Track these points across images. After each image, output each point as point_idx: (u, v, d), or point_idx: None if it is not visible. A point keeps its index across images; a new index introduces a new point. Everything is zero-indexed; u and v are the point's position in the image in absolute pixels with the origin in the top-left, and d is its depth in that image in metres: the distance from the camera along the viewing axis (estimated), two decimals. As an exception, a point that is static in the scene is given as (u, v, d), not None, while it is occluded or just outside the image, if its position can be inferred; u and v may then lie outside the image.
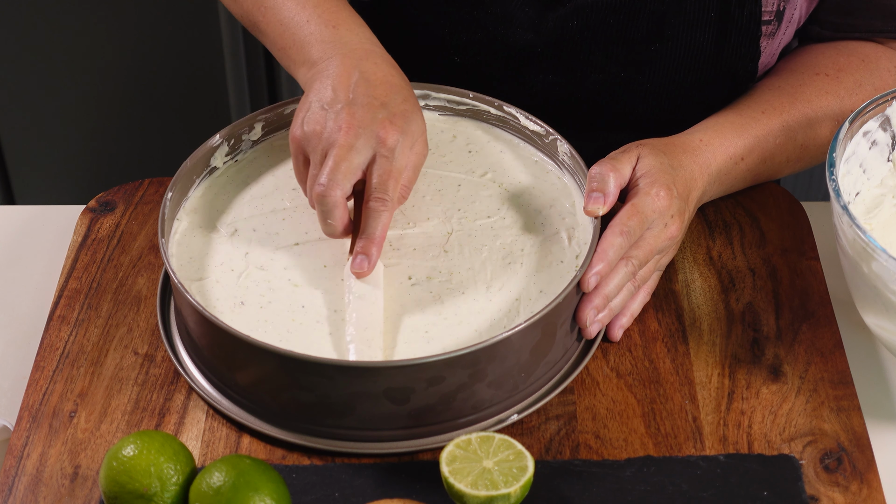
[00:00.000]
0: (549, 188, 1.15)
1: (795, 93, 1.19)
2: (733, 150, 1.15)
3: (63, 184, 2.23)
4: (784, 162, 1.19)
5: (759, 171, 1.19)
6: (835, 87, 1.20)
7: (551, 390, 1.05)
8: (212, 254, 1.10)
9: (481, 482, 0.94)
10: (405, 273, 1.08)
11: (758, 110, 1.18)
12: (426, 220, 1.12)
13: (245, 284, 1.07)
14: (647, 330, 1.11)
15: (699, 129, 1.16)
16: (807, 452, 1.02)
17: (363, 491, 0.99)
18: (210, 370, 1.05)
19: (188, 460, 0.96)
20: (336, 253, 1.10)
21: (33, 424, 1.04)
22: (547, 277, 1.07)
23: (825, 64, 1.21)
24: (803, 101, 1.19)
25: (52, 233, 1.23)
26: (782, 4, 1.19)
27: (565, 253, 1.09)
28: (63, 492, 1.00)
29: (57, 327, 1.11)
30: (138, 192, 1.23)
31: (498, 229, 1.12)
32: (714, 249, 1.18)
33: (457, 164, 1.17)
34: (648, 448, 1.02)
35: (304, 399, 1.01)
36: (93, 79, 2.10)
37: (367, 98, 1.07)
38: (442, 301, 1.06)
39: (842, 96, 1.19)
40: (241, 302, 1.06)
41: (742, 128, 1.16)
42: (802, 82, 1.20)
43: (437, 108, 1.21)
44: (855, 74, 1.20)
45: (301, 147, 1.08)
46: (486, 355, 0.99)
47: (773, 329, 1.11)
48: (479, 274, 1.08)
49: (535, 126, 1.17)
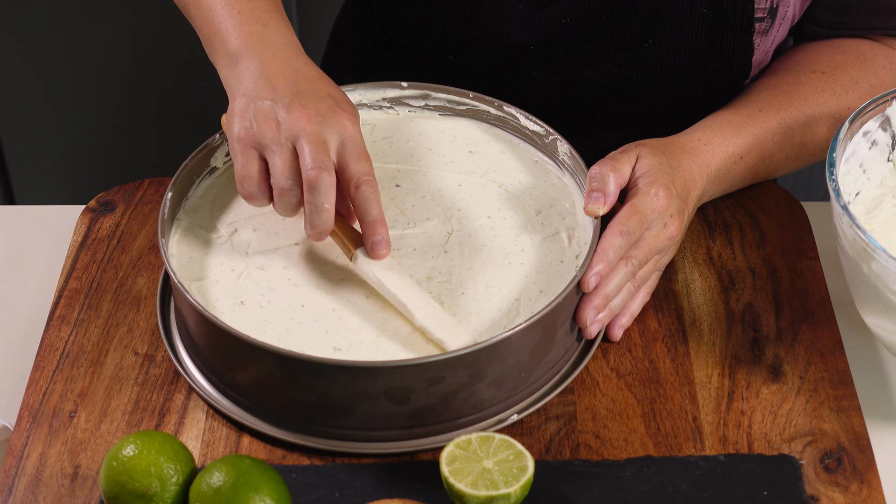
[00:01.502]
0: (550, 188, 1.15)
1: (792, 91, 1.19)
2: (732, 150, 1.15)
3: (63, 184, 2.23)
4: (783, 160, 1.19)
5: (758, 170, 1.19)
6: (831, 84, 1.20)
7: (551, 390, 1.05)
8: (212, 254, 1.10)
9: (481, 482, 0.94)
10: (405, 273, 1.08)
11: (755, 109, 1.18)
12: (426, 220, 1.12)
13: (245, 284, 1.07)
14: (647, 330, 1.11)
15: (697, 129, 1.16)
16: (807, 452, 1.02)
17: (363, 491, 0.99)
18: (210, 370, 1.05)
19: (188, 460, 0.96)
20: (336, 251, 1.10)
21: (33, 424, 1.04)
22: (547, 277, 1.07)
23: (821, 62, 1.21)
24: (800, 98, 1.19)
25: (52, 233, 1.23)
26: (776, 2, 1.19)
27: (565, 253, 1.09)
28: (63, 492, 0.99)
29: (57, 327, 1.11)
30: (138, 192, 1.23)
31: (498, 229, 1.12)
32: (714, 249, 1.18)
33: (457, 164, 1.17)
34: (648, 448, 1.02)
35: (304, 399, 1.01)
36: (93, 79, 2.10)
37: (312, 90, 1.06)
38: (442, 301, 1.06)
39: (838, 94, 1.19)
40: (241, 302, 1.06)
41: (740, 127, 1.16)
42: (798, 80, 1.20)
43: (437, 108, 1.21)
44: (851, 72, 1.20)
45: (253, 144, 1.05)
46: (486, 355, 0.99)
47: (773, 329, 1.11)
48: (478, 274, 1.08)
49: (535, 126, 1.17)
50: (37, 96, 2.12)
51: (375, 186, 1.04)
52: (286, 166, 1.03)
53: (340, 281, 1.08)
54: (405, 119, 1.21)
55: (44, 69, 2.08)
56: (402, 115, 1.21)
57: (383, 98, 1.21)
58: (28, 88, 2.11)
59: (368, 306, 1.06)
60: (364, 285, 1.07)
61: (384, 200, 1.13)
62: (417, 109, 1.21)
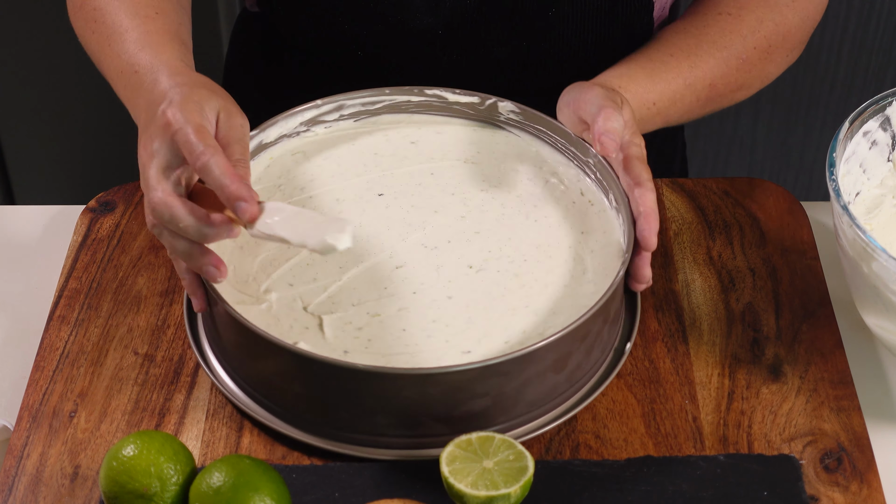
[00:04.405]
0: (501, 148, 1.17)
1: (700, 34, 1.21)
2: (646, 96, 1.17)
3: (63, 184, 2.23)
4: (693, 102, 1.20)
5: (669, 114, 1.20)
6: (737, 25, 1.22)
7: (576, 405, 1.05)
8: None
9: (481, 482, 0.94)
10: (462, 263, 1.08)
11: (666, 54, 1.20)
12: (434, 212, 1.12)
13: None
14: (647, 330, 1.11)
15: (613, 75, 1.18)
16: (807, 452, 1.02)
17: (363, 491, 0.99)
18: (221, 353, 1.06)
19: (188, 460, 0.96)
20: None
21: (33, 424, 1.04)
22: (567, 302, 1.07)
23: (727, 3, 1.23)
24: (708, 41, 1.21)
25: (52, 233, 1.23)
26: None
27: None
28: (63, 492, 1.00)
29: (57, 327, 1.11)
30: (138, 192, 1.23)
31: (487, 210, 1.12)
32: (714, 249, 1.18)
33: (410, 158, 1.17)
34: (648, 448, 1.02)
35: (312, 398, 1.01)
36: (93, 79, 2.09)
37: (149, 117, 1.03)
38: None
39: (744, 34, 1.21)
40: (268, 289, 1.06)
41: (653, 72, 1.18)
42: (706, 23, 1.22)
43: (361, 114, 1.20)
44: (756, 11, 1.22)
45: None
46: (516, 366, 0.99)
47: (773, 329, 1.11)
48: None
49: (468, 98, 1.18)
50: (37, 96, 2.12)
51: (201, 153, 0.96)
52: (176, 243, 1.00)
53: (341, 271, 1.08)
54: (340, 135, 1.20)
55: (44, 69, 2.08)
56: (336, 130, 1.20)
57: (301, 123, 1.18)
58: (28, 88, 2.11)
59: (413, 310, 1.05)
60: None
61: (370, 209, 1.13)
62: (344, 120, 1.20)
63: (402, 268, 1.08)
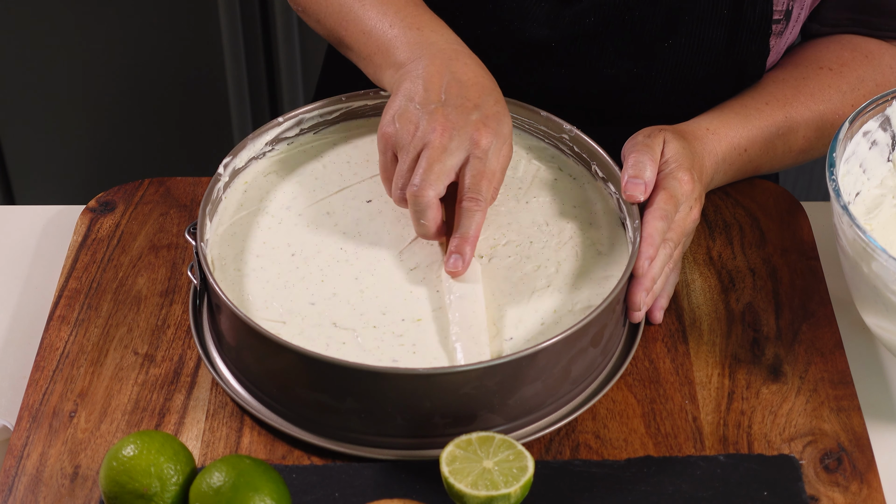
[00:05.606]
0: None
1: (799, 86, 1.20)
2: (737, 140, 1.17)
3: (63, 184, 2.23)
4: (786, 153, 1.20)
5: (761, 163, 1.19)
6: (838, 81, 1.20)
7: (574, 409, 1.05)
8: (253, 237, 1.10)
9: (481, 482, 0.94)
10: None
11: (762, 101, 1.19)
12: None
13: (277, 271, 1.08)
14: (647, 330, 1.11)
15: (705, 118, 1.18)
16: (807, 452, 1.02)
17: (363, 491, 0.99)
18: (223, 348, 1.06)
19: (188, 460, 0.96)
20: (358, 256, 1.10)
21: (33, 424, 1.04)
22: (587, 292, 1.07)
23: (829, 58, 1.22)
24: (806, 94, 1.20)
25: (52, 233, 1.23)
26: (790, 4, 1.19)
27: None
28: (63, 492, 1.00)
29: (57, 327, 1.11)
30: (138, 192, 1.23)
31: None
32: (714, 249, 1.18)
33: None
34: (648, 448, 1.02)
35: (316, 399, 1.00)
36: (93, 79, 2.10)
37: (460, 99, 1.07)
38: None
39: (844, 91, 1.20)
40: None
41: (746, 118, 1.18)
42: (806, 76, 1.21)
43: (312, 129, 1.20)
44: (858, 70, 1.21)
45: (391, 144, 1.08)
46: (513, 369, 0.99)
47: (773, 329, 1.11)
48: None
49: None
50: (37, 96, 2.12)
51: (480, 206, 1.05)
52: (402, 174, 1.07)
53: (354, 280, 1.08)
54: (305, 149, 1.19)
55: (44, 69, 2.08)
56: (297, 144, 1.19)
57: (265, 143, 1.17)
58: (28, 88, 2.11)
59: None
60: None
61: (363, 217, 1.13)
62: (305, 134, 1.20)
63: (415, 269, 1.08)
